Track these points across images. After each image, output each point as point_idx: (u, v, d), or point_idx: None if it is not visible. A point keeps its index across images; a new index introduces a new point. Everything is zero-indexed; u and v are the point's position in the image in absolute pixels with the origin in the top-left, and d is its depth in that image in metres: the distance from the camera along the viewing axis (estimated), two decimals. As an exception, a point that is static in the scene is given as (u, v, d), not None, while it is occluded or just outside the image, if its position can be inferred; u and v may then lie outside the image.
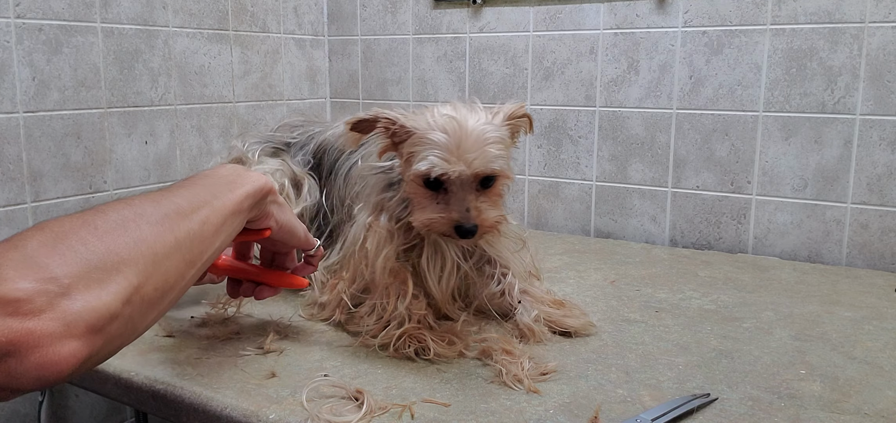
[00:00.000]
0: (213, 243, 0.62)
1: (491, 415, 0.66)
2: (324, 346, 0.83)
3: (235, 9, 1.41)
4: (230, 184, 0.67)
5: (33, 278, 0.45)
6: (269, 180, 0.72)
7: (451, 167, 0.78)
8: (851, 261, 1.20)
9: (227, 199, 0.65)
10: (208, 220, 0.61)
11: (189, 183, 0.65)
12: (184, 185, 0.64)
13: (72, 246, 0.49)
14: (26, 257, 0.46)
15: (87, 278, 0.48)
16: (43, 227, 0.50)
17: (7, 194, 1.07)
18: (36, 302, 0.45)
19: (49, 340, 0.45)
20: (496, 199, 0.82)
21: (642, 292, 1.03)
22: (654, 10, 1.29)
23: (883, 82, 1.13)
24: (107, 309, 0.49)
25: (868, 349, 0.82)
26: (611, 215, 1.39)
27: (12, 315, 0.44)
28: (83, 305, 0.47)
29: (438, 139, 0.79)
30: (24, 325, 0.44)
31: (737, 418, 0.66)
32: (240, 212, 0.67)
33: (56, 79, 1.12)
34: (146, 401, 0.75)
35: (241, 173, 0.70)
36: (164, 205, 0.58)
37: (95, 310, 0.48)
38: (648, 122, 1.32)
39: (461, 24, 1.48)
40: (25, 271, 0.46)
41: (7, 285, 0.44)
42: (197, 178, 0.67)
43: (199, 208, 0.61)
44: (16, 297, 0.44)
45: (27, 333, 0.44)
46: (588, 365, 0.77)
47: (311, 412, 0.66)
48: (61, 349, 0.46)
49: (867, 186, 1.17)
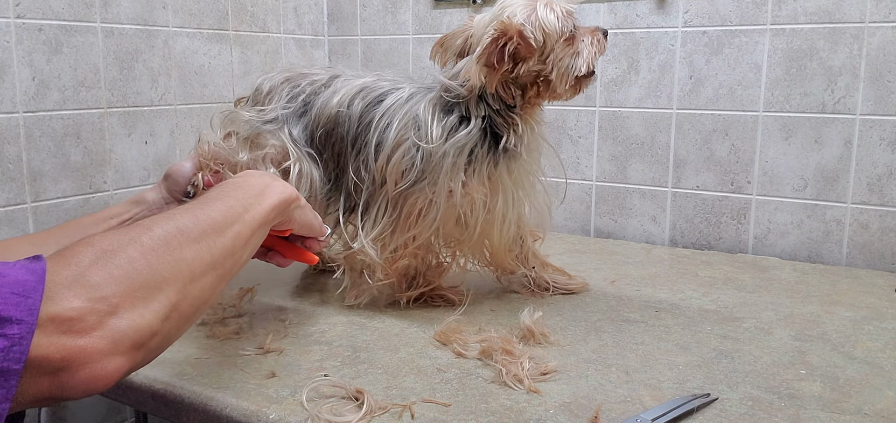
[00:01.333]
0: (242, 255, 0.66)
1: (491, 415, 0.66)
2: (324, 346, 0.83)
3: (235, 9, 1.41)
4: (259, 195, 0.70)
5: (85, 297, 0.49)
6: (293, 192, 0.75)
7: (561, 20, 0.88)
8: (851, 261, 1.20)
9: (256, 211, 0.68)
10: (240, 234, 0.65)
11: (223, 194, 0.68)
12: (219, 195, 0.67)
13: (119, 264, 0.52)
14: (78, 276, 0.50)
15: (133, 296, 0.52)
16: (93, 242, 0.53)
17: (7, 194, 1.07)
18: (87, 321, 0.48)
19: (98, 356, 0.48)
20: None
21: (642, 292, 1.03)
22: (654, 10, 1.29)
23: (883, 82, 1.13)
24: (149, 327, 0.52)
25: (868, 349, 0.82)
26: (611, 214, 1.39)
27: (66, 333, 0.47)
28: (129, 323, 0.51)
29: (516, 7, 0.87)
30: (76, 342, 0.47)
31: (737, 418, 0.66)
32: (267, 223, 0.71)
33: (56, 79, 1.12)
34: (146, 401, 0.75)
35: (269, 183, 0.73)
36: (203, 220, 0.61)
37: (139, 328, 0.51)
38: (648, 122, 1.32)
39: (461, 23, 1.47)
40: (78, 289, 0.49)
41: (61, 304, 0.47)
42: (229, 187, 0.70)
43: (233, 223, 0.65)
44: (69, 316, 0.47)
45: (79, 350, 0.47)
46: (588, 365, 0.77)
47: (311, 412, 0.66)
48: (108, 365, 0.49)
49: (867, 186, 1.17)
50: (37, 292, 0.47)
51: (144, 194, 0.96)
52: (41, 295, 0.47)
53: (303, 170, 0.92)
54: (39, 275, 0.48)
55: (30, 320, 0.46)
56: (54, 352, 0.47)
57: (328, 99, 0.94)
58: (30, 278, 0.47)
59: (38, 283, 0.47)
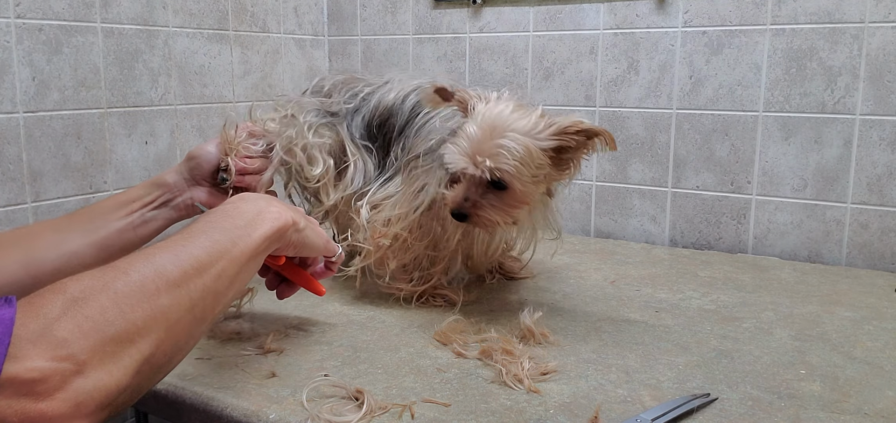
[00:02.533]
0: (226, 295, 0.62)
1: (491, 415, 0.66)
2: (324, 346, 0.83)
3: (235, 9, 1.41)
4: (250, 224, 0.66)
5: (50, 356, 0.45)
6: (290, 217, 0.71)
7: (459, 163, 0.83)
8: (851, 261, 1.20)
9: (245, 245, 0.64)
10: (224, 272, 0.60)
11: (210, 225, 0.63)
12: (205, 228, 0.62)
13: (90, 315, 0.48)
14: (44, 330, 0.46)
15: (102, 352, 0.48)
16: (64, 288, 0.50)
17: (7, 194, 1.07)
18: (50, 382, 0.45)
19: (59, 420, 0.45)
20: (510, 205, 0.84)
21: (642, 292, 1.03)
22: (654, 10, 1.29)
23: (883, 82, 1.13)
24: (117, 385, 0.49)
25: (868, 349, 0.82)
26: (611, 215, 1.39)
27: (27, 396, 0.44)
28: (94, 383, 0.47)
29: (469, 131, 0.83)
30: (36, 406, 0.44)
31: (737, 418, 0.66)
32: (257, 255, 0.66)
33: (56, 79, 1.12)
34: (146, 401, 0.75)
35: (263, 210, 0.68)
36: (184, 260, 0.57)
37: (107, 388, 0.48)
38: (648, 122, 1.32)
39: (461, 24, 1.48)
40: (43, 346, 0.45)
41: (24, 363, 0.44)
42: (218, 217, 0.65)
43: (218, 260, 0.60)
44: (31, 378, 0.44)
45: (39, 414, 0.44)
46: (588, 365, 0.77)
47: (311, 412, 0.66)
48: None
49: (867, 186, 1.17)
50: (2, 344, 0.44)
51: (164, 176, 0.94)
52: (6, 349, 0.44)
53: (359, 164, 1.00)
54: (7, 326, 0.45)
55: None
56: (12, 415, 0.44)
57: (385, 94, 1.01)
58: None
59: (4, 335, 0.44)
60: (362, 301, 0.99)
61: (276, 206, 0.71)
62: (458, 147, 0.83)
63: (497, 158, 0.80)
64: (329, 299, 0.99)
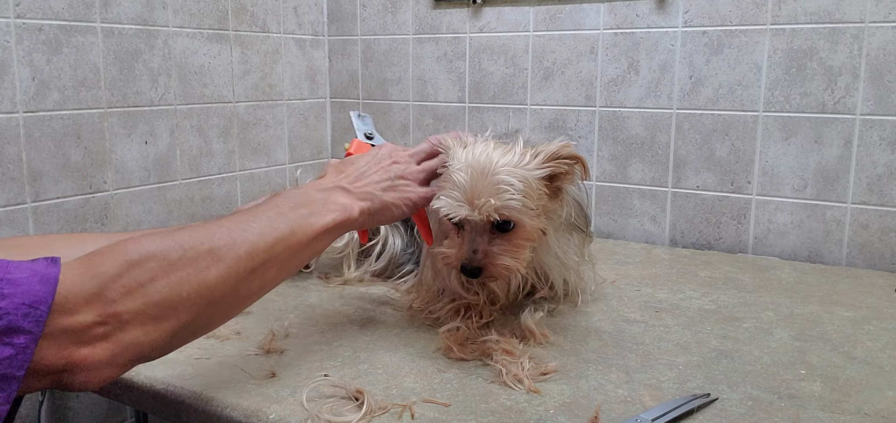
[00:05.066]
0: (276, 279, 0.65)
1: (491, 415, 0.66)
2: (324, 346, 0.83)
3: (235, 9, 1.41)
4: (312, 214, 0.68)
5: (98, 312, 0.51)
6: (353, 214, 0.73)
7: (459, 210, 0.78)
8: (851, 261, 1.20)
9: (303, 234, 0.66)
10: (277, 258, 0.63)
11: (274, 208, 0.66)
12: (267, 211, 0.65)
13: (141, 280, 0.53)
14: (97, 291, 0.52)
15: (144, 315, 0.53)
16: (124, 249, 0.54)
17: (7, 194, 1.07)
18: (95, 332, 0.51)
19: (98, 365, 0.51)
20: (518, 244, 0.80)
21: (642, 292, 1.03)
22: (654, 10, 1.29)
23: (883, 82, 1.13)
24: (151, 344, 0.54)
25: (868, 349, 0.82)
26: (611, 214, 1.39)
27: (75, 342, 0.50)
28: (132, 340, 0.53)
29: (458, 179, 0.78)
30: (80, 352, 0.51)
31: (737, 418, 0.66)
32: (314, 244, 0.68)
33: (56, 79, 1.12)
34: (146, 401, 0.75)
35: (328, 202, 0.71)
36: (239, 241, 0.60)
37: (141, 345, 0.54)
38: (648, 122, 1.32)
39: (461, 24, 1.48)
40: (94, 304, 0.51)
41: (76, 317, 0.50)
42: (283, 201, 0.68)
43: (273, 247, 0.63)
44: (80, 327, 0.50)
45: (82, 358, 0.51)
46: (588, 365, 0.77)
47: (311, 412, 0.66)
48: (103, 373, 0.52)
49: (867, 186, 1.17)
50: (46, 303, 0.49)
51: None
52: (49, 306, 0.49)
53: (388, 242, 1.06)
54: (51, 284, 0.50)
55: (35, 332, 0.48)
56: (59, 359, 0.50)
57: None
58: (41, 289, 0.49)
59: (48, 294, 0.49)
60: (362, 301, 0.99)
61: (344, 196, 0.73)
62: (452, 196, 0.78)
63: (500, 195, 0.76)
64: (329, 299, 0.99)
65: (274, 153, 1.54)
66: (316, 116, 1.65)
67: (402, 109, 1.59)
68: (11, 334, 0.47)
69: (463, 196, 0.77)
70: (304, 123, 1.62)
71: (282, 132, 1.55)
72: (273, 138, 1.53)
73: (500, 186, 0.76)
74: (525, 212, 0.77)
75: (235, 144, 1.44)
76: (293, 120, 1.59)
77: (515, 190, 0.76)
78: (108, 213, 1.21)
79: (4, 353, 0.47)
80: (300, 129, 1.61)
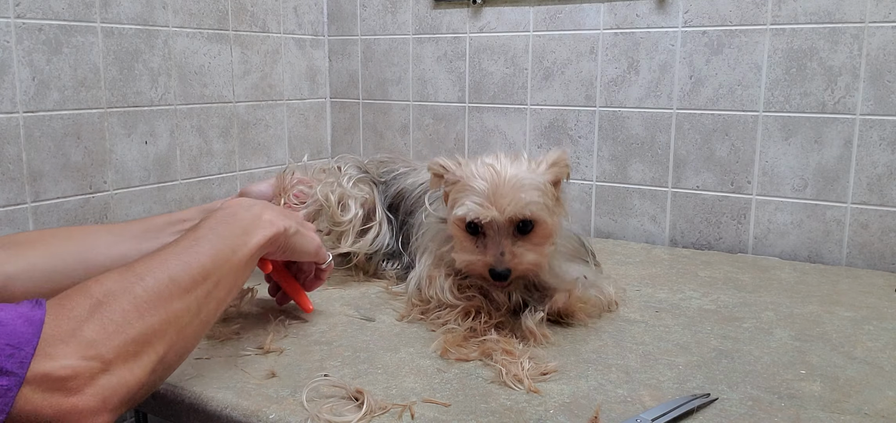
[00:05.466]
0: (226, 300, 0.68)
1: (491, 415, 0.66)
2: (324, 346, 0.83)
3: (235, 9, 1.41)
4: (246, 232, 0.71)
5: (79, 355, 0.51)
6: (282, 224, 0.76)
7: (486, 212, 0.82)
8: (851, 261, 1.20)
9: (243, 252, 0.69)
10: (225, 278, 0.66)
11: (211, 229, 0.68)
12: (207, 234, 0.67)
13: (113, 318, 0.54)
14: (74, 331, 0.51)
15: (125, 352, 0.54)
16: (89, 291, 0.55)
17: (7, 194, 1.07)
18: (80, 378, 0.50)
19: (88, 414, 0.50)
20: (538, 243, 0.85)
21: (642, 292, 1.03)
22: (654, 10, 1.29)
23: (883, 82, 1.13)
24: (137, 382, 0.55)
25: (868, 349, 0.82)
26: (611, 215, 1.39)
27: (59, 391, 0.49)
28: (119, 380, 0.53)
29: (477, 186, 0.84)
30: (68, 401, 0.49)
31: (737, 418, 0.66)
32: (252, 261, 0.72)
33: (56, 79, 1.12)
34: (146, 401, 0.75)
35: (258, 218, 0.73)
36: (193, 268, 0.62)
37: (127, 385, 0.54)
38: (648, 122, 1.32)
39: (461, 24, 1.48)
40: (73, 345, 0.51)
41: (57, 361, 0.49)
42: (218, 222, 0.70)
43: (221, 267, 0.66)
44: (63, 374, 0.49)
45: (71, 407, 0.49)
46: (588, 365, 0.77)
47: (311, 412, 0.66)
48: (96, 421, 0.51)
49: (867, 186, 1.17)
50: (30, 345, 0.48)
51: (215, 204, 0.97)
52: (34, 349, 0.48)
53: (383, 228, 1.08)
54: (36, 326, 0.49)
55: (19, 374, 0.47)
56: (47, 408, 0.48)
57: (405, 178, 1.12)
58: (26, 331, 0.49)
59: (33, 336, 0.49)
60: (362, 301, 0.99)
61: (270, 212, 0.75)
62: (475, 201, 0.83)
63: (522, 196, 0.82)
64: (329, 300, 0.99)
65: (274, 153, 1.54)
66: (316, 116, 1.65)
67: (402, 109, 1.59)
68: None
69: (487, 200, 0.83)
70: (304, 123, 1.62)
71: (282, 132, 1.55)
72: (273, 138, 1.53)
73: (521, 188, 0.83)
74: (544, 210, 0.84)
75: (235, 144, 1.45)
76: (293, 120, 1.59)
77: (535, 191, 0.83)
78: (108, 213, 1.21)
79: None
80: (300, 129, 1.61)
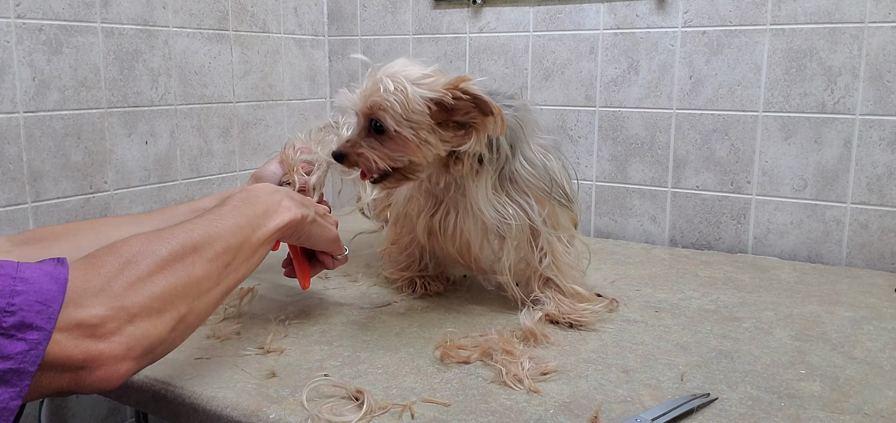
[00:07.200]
0: (243, 273, 0.71)
1: (491, 415, 0.66)
2: (324, 346, 0.83)
3: (235, 9, 1.41)
4: (266, 215, 0.74)
5: (108, 306, 0.55)
6: (300, 213, 0.78)
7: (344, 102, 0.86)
8: (851, 261, 1.20)
9: (261, 232, 0.73)
10: (244, 253, 0.70)
11: (236, 207, 0.72)
12: (231, 211, 0.71)
13: (140, 276, 0.58)
14: (104, 285, 0.55)
15: (149, 308, 0.57)
16: (118, 250, 0.59)
17: (7, 194, 1.07)
18: (108, 326, 0.54)
19: (114, 359, 0.54)
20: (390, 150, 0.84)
21: (642, 292, 1.03)
22: (654, 10, 1.29)
23: (883, 82, 1.13)
24: (159, 336, 0.58)
25: (868, 349, 0.82)
26: (611, 214, 1.39)
27: (89, 337, 0.53)
28: (143, 332, 0.57)
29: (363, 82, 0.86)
30: (96, 346, 0.53)
31: (737, 418, 0.66)
32: (270, 242, 0.75)
33: (56, 79, 1.12)
34: (146, 401, 0.75)
35: (279, 204, 0.77)
36: (215, 239, 0.66)
37: (151, 337, 0.57)
38: (648, 122, 1.32)
39: (461, 24, 1.48)
40: (103, 298, 0.55)
41: (88, 311, 0.53)
42: (242, 201, 0.74)
43: (242, 244, 0.69)
44: (93, 322, 0.53)
45: (99, 353, 0.53)
46: (588, 365, 0.77)
47: (311, 412, 0.66)
48: (121, 367, 0.55)
49: (867, 186, 1.17)
50: (57, 300, 0.52)
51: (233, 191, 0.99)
52: (60, 304, 0.52)
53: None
54: (61, 284, 0.53)
55: (48, 328, 0.51)
56: (78, 353, 0.52)
57: None
58: (52, 288, 0.52)
59: (60, 292, 0.52)
60: (362, 301, 0.99)
61: (290, 200, 0.78)
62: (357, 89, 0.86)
63: (372, 97, 0.83)
64: (329, 300, 0.99)
65: (274, 153, 1.54)
66: (316, 116, 1.65)
67: (402, 109, 1.59)
68: (24, 329, 0.49)
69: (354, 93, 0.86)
70: (305, 123, 1.62)
71: (282, 132, 1.55)
72: (273, 138, 1.53)
73: (379, 90, 0.82)
74: (393, 117, 0.81)
75: (235, 144, 1.45)
76: (293, 120, 1.59)
77: (388, 94, 0.81)
78: (108, 213, 1.21)
79: (17, 348, 0.49)
80: (300, 129, 1.61)
